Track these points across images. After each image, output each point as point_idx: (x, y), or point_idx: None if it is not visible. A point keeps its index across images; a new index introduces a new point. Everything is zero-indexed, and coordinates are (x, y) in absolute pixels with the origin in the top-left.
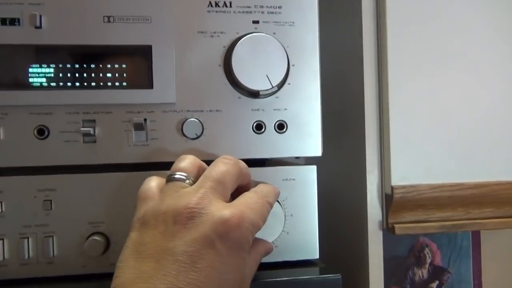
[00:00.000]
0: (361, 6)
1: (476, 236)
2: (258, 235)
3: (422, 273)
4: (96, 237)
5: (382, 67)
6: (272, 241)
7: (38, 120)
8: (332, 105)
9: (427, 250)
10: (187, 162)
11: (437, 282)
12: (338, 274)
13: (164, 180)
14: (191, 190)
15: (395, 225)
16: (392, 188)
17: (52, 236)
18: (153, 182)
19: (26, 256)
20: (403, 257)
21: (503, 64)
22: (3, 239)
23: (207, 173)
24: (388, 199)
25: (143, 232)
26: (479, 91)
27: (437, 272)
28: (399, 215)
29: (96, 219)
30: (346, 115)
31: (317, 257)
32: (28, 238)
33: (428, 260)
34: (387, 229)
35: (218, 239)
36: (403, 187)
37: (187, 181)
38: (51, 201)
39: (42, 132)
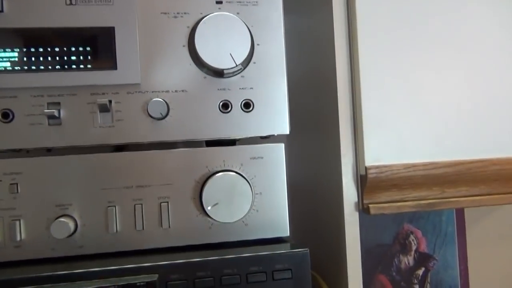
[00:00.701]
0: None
1: (460, 222)
2: (225, 213)
3: (408, 260)
4: (63, 219)
5: (353, 48)
6: (241, 219)
7: (2, 104)
8: (307, 89)
9: (412, 237)
10: None
11: (423, 268)
12: (306, 249)
13: None
14: None
15: (369, 205)
16: (366, 168)
17: (19, 220)
18: None
19: None
20: (388, 244)
21: (477, 43)
22: None
23: None
24: (363, 180)
25: None
26: (453, 70)
27: (422, 259)
28: (374, 196)
29: (63, 202)
30: (320, 98)
31: (288, 234)
32: None
33: (414, 247)
34: (363, 210)
35: None
36: (377, 167)
37: None
38: (17, 184)
39: (6, 115)
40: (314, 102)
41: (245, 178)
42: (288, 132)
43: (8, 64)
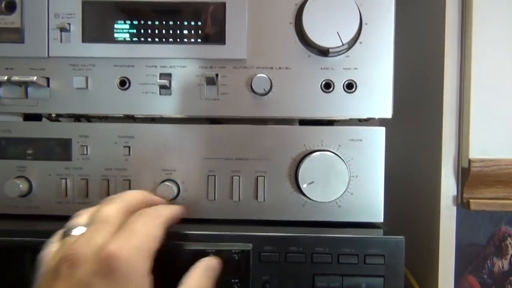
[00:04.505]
0: None
1: None
2: (319, 192)
3: (502, 264)
4: (168, 183)
5: (466, 32)
6: (335, 200)
7: (121, 72)
8: (409, 71)
9: (509, 240)
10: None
11: None
12: (402, 237)
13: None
14: (72, 238)
15: (470, 200)
16: (469, 161)
17: (130, 180)
18: (54, 248)
19: (107, 197)
20: (481, 245)
21: None
22: (87, 179)
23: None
24: (465, 173)
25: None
26: None
27: None
28: (476, 191)
29: (169, 167)
30: (423, 81)
31: (382, 220)
32: (108, 180)
33: (510, 251)
34: (462, 205)
35: (97, 280)
36: (482, 160)
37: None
38: (129, 147)
39: (124, 83)
40: (416, 86)
41: (342, 159)
42: (390, 116)
43: (127, 35)
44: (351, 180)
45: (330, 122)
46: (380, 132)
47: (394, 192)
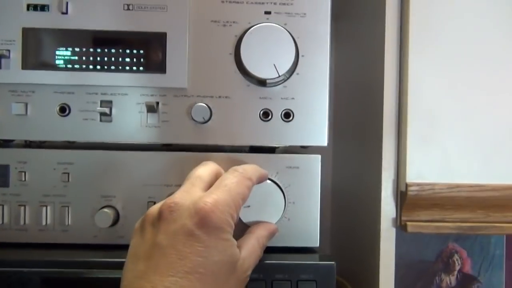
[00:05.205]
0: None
1: (510, 246)
2: (254, 218)
3: (450, 280)
4: (106, 210)
5: (403, 61)
6: None
7: (61, 99)
8: (351, 99)
9: (456, 256)
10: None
11: None
12: (333, 262)
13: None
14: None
15: (407, 223)
16: (406, 185)
17: (68, 206)
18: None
19: (44, 223)
20: (430, 261)
21: None
22: (25, 206)
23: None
24: (402, 196)
25: (138, 236)
26: (506, 90)
27: (466, 280)
28: (413, 213)
29: (108, 193)
30: (364, 109)
31: (317, 245)
32: (47, 206)
33: (457, 267)
34: (400, 227)
35: (195, 227)
36: (418, 184)
37: None
38: (68, 174)
39: (64, 109)
40: (360, 111)
41: (279, 186)
42: (325, 144)
43: (68, 62)
44: (288, 206)
45: (272, 149)
46: (315, 160)
47: (343, 212)
